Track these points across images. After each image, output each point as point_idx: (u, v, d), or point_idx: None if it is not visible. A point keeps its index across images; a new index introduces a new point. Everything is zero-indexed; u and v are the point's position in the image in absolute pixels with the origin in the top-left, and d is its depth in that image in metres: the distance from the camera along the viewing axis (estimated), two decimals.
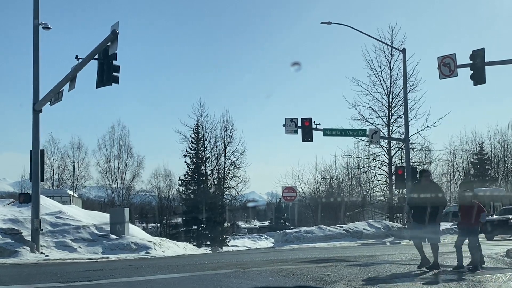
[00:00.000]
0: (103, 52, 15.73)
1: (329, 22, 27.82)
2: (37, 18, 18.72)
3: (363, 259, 12.74)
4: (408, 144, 28.00)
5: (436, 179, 58.94)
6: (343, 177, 52.23)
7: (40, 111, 18.49)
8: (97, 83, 16.09)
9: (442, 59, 19.42)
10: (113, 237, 20.40)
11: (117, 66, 15.82)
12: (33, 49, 18.73)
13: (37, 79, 18.59)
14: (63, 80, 17.35)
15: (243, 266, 11.36)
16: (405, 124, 28.17)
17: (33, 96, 18.58)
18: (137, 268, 11.58)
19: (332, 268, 10.20)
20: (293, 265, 11.44)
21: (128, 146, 57.48)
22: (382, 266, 10.57)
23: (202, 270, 10.80)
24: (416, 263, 11.20)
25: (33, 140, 18.52)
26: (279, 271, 10.07)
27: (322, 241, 26.41)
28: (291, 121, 25.77)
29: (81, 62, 16.55)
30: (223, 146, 46.79)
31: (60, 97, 18.19)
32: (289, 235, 27.35)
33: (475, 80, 18.26)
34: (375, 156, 41.34)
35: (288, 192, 31.62)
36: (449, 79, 19.85)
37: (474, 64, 18.15)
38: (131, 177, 57.18)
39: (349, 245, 23.88)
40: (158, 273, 10.16)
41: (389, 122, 39.02)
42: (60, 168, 57.53)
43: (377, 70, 38.71)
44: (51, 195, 30.53)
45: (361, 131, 30.12)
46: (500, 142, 55.83)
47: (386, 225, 29.99)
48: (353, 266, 10.70)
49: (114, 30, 15.02)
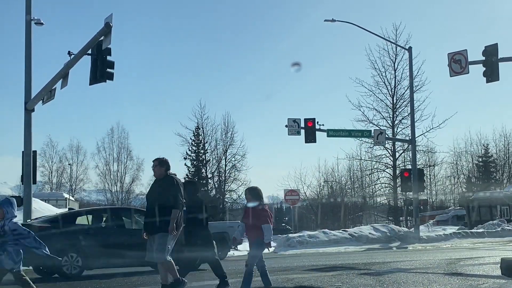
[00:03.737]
0: (96, 46, 14.89)
1: (333, 20, 27.10)
2: (29, 13, 17.92)
3: (374, 266, 11.86)
4: (414, 145, 27.17)
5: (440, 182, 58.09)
6: (346, 179, 51.44)
7: (32, 110, 17.70)
8: (90, 80, 15.25)
9: (453, 55, 18.58)
10: None
11: (111, 61, 14.98)
12: (25, 46, 17.92)
13: (29, 77, 17.79)
14: (55, 77, 16.53)
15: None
16: (411, 125, 27.37)
17: (25, 95, 17.80)
18: (131, 275, 10.69)
19: (343, 278, 9.32)
20: (299, 274, 10.58)
21: (127, 148, 56.92)
22: (397, 276, 9.68)
23: (202, 280, 9.93)
24: (433, 271, 10.33)
25: (25, 140, 17.70)
26: (285, 281, 9.21)
27: (326, 245, 25.48)
28: (294, 121, 24.94)
29: (73, 58, 15.71)
30: (223, 148, 46.07)
31: (52, 96, 17.36)
32: (292, 240, 26.42)
33: (488, 77, 17.40)
34: (379, 158, 40.51)
35: (290, 195, 30.72)
36: (455, 78, 19.09)
37: (487, 61, 17.30)
38: (130, 180, 56.51)
39: (354, 250, 22.97)
40: (152, 285, 9.29)
41: (394, 123, 38.23)
42: (59, 171, 56.87)
43: (381, 71, 37.98)
44: (46, 199, 29.75)
45: (366, 132, 29.28)
46: (506, 144, 55.03)
47: (392, 229, 29.06)
48: (365, 275, 9.83)
49: (108, 22, 14.17)
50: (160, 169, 7.44)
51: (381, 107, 38.08)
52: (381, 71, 37.93)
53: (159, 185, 7.40)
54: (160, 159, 7.57)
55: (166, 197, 7.15)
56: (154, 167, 7.48)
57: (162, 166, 7.47)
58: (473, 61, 17.97)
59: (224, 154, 45.94)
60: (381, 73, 37.93)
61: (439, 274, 9.92)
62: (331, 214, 48.66)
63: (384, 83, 38.00)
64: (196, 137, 43.42)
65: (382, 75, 37.92)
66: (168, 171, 7.53)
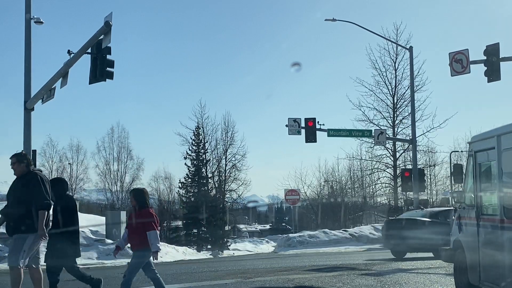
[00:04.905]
0: (96, 45, 14.77)
1: (333, 19, 26.96)
2: (29, 12, 17.79)
3: (375, 267, 11.79)
4: (415, 145, 27.06)
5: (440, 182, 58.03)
6: (347, 179, 51.31)
7: (32, 109, 17.56)
8: (90, 79, 15.14)
9: (454, 55, 18.48)
10: (108, 242, 19.52)
11: (111, 60, 14.83)
12: (25, 44, 17.78)
13: (29, 76, 17.66)
14: (55, 76, 16.41)
15: (245, 275, 10.40)
16: (412, 125, 27.24)
17: (24, 94, 17.69)
18: None
19: (344, 279, 9.25)
20: (299, 274, 10.49)
21: (127, 148, 56.56)
22: (399, 276, 9.61)
23: (200, 280, 9.85)
24: (435, 271, 10.27)
25: (25, 140, 17.57)
26: (285, 281, 9.14)
27: (327, 245, 25.42)
28: (294, 121, 24.83)
29: (73, 57, 15.59)
30: (224, 148, 45.88)
31: (52, 95, 17.24)
32: (292, 240, 26.37)
33: (489, 77, 17.31)
34: (379, 158, 40.38)
35: (291, 194, 30.66)
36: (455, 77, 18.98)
37: (488, 60, 17.22)
38: (130, 179, 56.24)
39: (355, 250, 22.91)
40: (151, 284, 9.20)
41: (394, 123, 38.07)
42: (59, 170, 56.60)
43: (381, 70, 37.75)
44: None
45: (367, 132, 29.17)
46: None
47: None
48: (366, 275, 9.75)
49: (107, 21, 14.05)
50: (19, 166, 6.58)
51: (382, 107, 37.93)
52: (382, 71, 37.76)
53: (22, 184, 6.52)
54: (17, 154, 6.72)
55: (29, 196, 6.32)
56: (12, 165, 6.62)
57: (21, 162, 6.59)
58: (474, 61, 17.88)
59: (224, 154, 45.81)
60: (381, 72, 37.76)
61: (440, 274, 9.86)
62: (332, 214, 48.52)
63: (384, 82, 37.85)
64: (196, 136, 43.24)
65: (383, 74, 37.77)
66: (31, 167, 6.67)
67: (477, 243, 6.68)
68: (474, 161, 7.05)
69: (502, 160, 6.20)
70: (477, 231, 6.69)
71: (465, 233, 7.23)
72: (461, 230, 7.42)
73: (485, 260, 6.50)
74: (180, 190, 42.85)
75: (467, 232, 7.12)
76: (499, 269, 6.06)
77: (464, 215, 7.32)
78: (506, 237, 5.90)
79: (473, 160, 7.09)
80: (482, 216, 6.63)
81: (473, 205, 6.96)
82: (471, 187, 7.10)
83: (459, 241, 7.42)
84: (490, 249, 6.39)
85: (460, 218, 7.50)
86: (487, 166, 6.79)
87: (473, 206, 6.95)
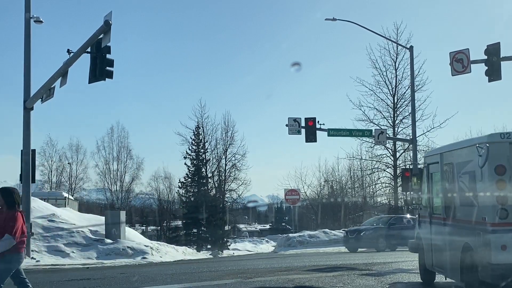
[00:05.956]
0: (95, 45, 14.75)
1: (334, 19, 26.88)
2: (29, 11, 17.80)
3: (375, 267, 11.75)
4: (415, 145, 26.99)
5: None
6: (347, 179, 51.25)
7: (31, 109, 17.57)
8: (89, 78, 15.11)
9: (455, 54, 18.40)
10: (108, 242, 19.47)
11: (111, 60, 14.82)
12: (24, 44, 17.81)
13: (29, 75, 17.69)
14: (54, 76, 16.39)
15: (245, 275, 10.36)
16: (412, 124, 27.15)
17: (24, 93, 17.70)
18: (128, 277, 10.56)
19: (344, 279, 9.21)
20: (300, 274, 10.45)
21: (127, 148, 56.59)
22: (399, 276, 9.58)
23: (200, 280, 9.80)
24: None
25: (24, 139, 17.60)
26: (285, 281, 9.10)
27: (327, 245, 25.40)
28: (295, 121, 24.77)
29: (72, 56, 15.57)
30: (224, 148, 45.82)
31: (51, 94, 17.23)
32: (292, 239, 26.34)
33: (490, 76, 17.26)
34: (379, 158, 40.33)
35: (291, 194, 30.60)
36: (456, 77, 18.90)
37: (489, 60, 17.16)
38: (130, 179, 56.26)
39: None
40: (150, 284, 9.17)
41: (394, 123, 38.01)
42: (58, 170, 56.62)
43: (382, 70, 37.68)
44: (45, 198, 29.56)
45: (367, 132, 29.12)
46: None
47: None
48: (367, 275, 9.71)
49: (107, 20, 14.03)
50: None
51: (382, 107, 37.86)
52: (382, 71, 37.68)
53: None
54: None
55: None
56: None
57: None
58: (475, 60, 17.82)
59: (224, 154, 45.77)
60: (382, 72, 37.69)
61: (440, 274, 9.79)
62: (332, 213, 48.50)
63: (385, 82, 37.78)
64: (196, 136, 43.16)
65: (383, 74, 37.70)
66: None
67: (430, 237, 8.44)
68: (427, 172, 8.74)
69: (443, 172, 7.90)
70: (430, 227, 8.44)
71: (422, 229, 8.97)
72: (420, 226, 9.18)
73: (435, 250, 8.14)
74: (180, 189, 42.78)
75: (424, 228, 8.85)
76: (443, 256, 7.68)
77: (422, 214, 9.04)
78: (447, 231, 7.56)
79: (427, 170, 8.79)
80: (433, 215, 8.38)
81: (427, 206, 8.72)
82: (425, 192, 8.79)
83: (419, 235, 9.14)
84: (438, 241, 8.08)
85: (420, 216, 9.28)
86: (435, 176, 8.41)
87: (427, 207, 8.71)
